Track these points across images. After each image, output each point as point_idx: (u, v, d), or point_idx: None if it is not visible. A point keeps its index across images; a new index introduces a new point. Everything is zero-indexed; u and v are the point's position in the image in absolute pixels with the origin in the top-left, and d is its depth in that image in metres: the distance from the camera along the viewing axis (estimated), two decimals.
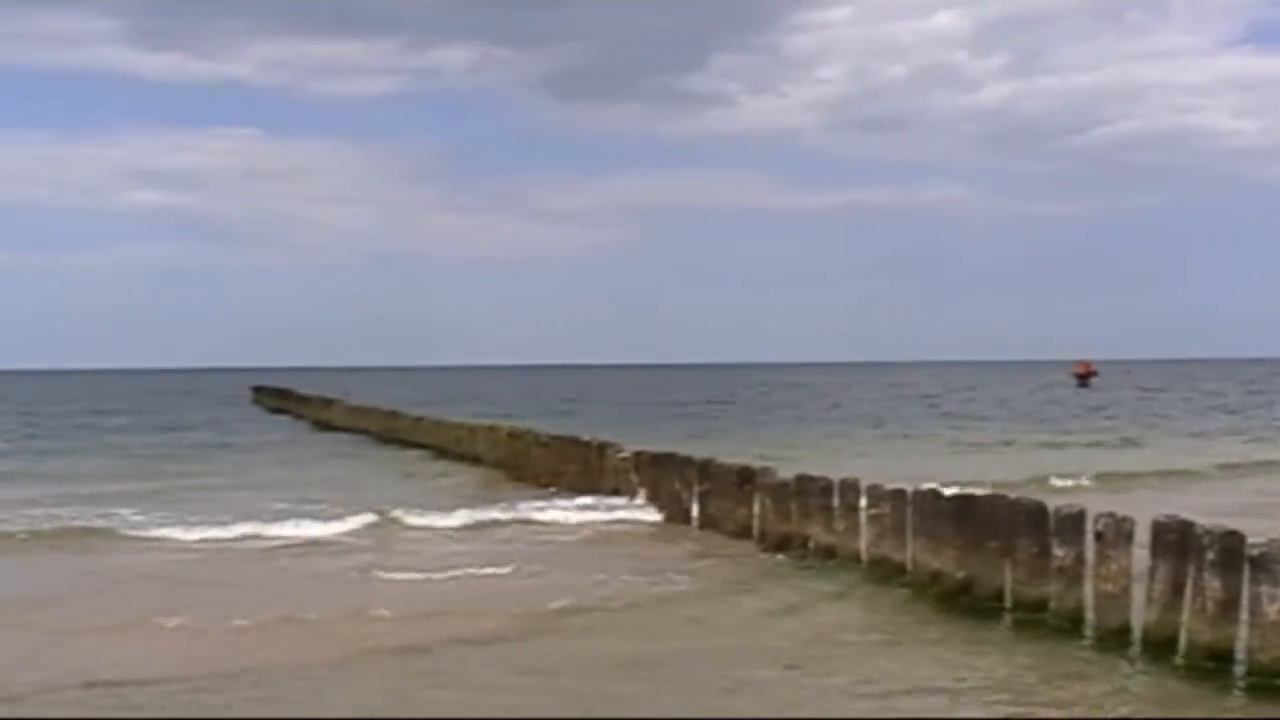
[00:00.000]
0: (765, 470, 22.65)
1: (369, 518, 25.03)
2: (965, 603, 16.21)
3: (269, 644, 14.73)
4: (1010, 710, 11.91)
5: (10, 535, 23.82)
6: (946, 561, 16.87)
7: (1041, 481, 30.57)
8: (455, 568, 19.80)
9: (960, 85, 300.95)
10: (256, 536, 23.41)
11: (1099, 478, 32.98)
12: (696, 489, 24.40)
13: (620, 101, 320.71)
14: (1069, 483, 31.50)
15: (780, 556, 20.48)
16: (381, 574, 19.53)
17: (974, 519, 16.55)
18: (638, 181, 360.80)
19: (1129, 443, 48.77)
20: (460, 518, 25.52)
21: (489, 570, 19.74)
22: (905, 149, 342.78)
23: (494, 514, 25.98)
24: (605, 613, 16.58)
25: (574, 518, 25.52)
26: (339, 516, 25.22)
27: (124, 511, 27.21)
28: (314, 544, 22.87)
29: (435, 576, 19.18)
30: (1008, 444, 48.39)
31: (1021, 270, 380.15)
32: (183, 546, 22.79)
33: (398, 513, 25.49)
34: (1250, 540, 12.70)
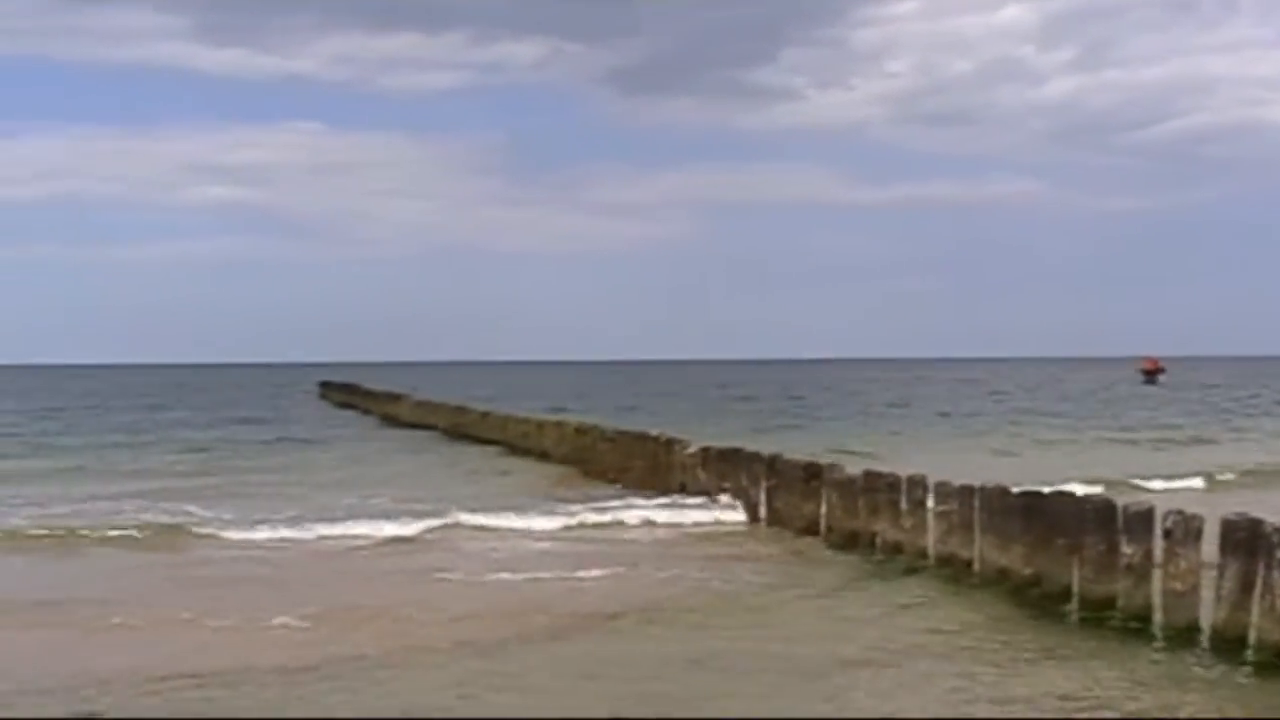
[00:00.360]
0: (832, 466, 22.82)
1: (439, 518, 25.03)
2: (1034, 600, 16.34)
3: (337, 639, 14.99)
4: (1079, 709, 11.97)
5: (83, 534, 23.92)
6: (1014, 559, 17.00)
7: (1120, 483, 29.40)
8: (526, 569, 19.93)
9: (1027, 79, 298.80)
10: (326, 536, 23.46)
11: (1180, 475, 32.40)
12: (764, 485, 24.57)
13: (686, 95, 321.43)
14: (1164, 484, 30.59)
15: (847, 553, 20.70)
16: (453, 574, 19.69)
17: (1042, 516, 16.67)
18: (702, 175, 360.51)
19: (1199, 440, 48.40)
20: (531, 518, 25.41)
21: (560, 571, 19.82)
22: (971, 143, 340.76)
23: (568, 513, 25.87)
24: (675, 612, 16.62)
25: (651, 516, 25.46)
26: (409, 515, 25.39)
27: (192, 508, 27.55)
28: (386, 542, 23.00)
29: (506, 576, 19.34)
30: (1075, 441, 48.13)
31: (1088, 265, 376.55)
32: (252, 544, 22.92)
33: (466, 514, 25.37)
34: None
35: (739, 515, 24.85)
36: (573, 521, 25.09)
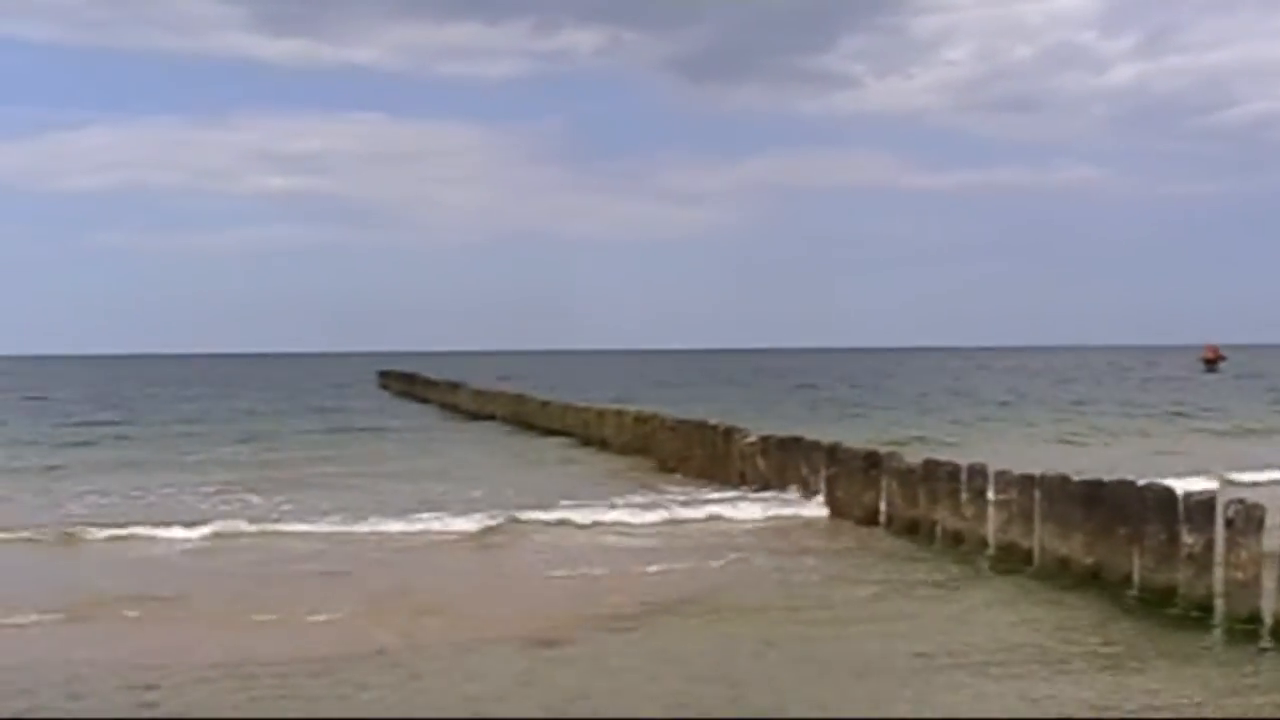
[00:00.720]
0: (892, 454, 22.88)
1: (503, 511, 24.92)
2: (1094, 590, 16.37)
3: (401, 630, 15.18)
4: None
5: (144, 530, 23.63)
6: (1075, 547, 17.03)
7: (1207, 474, 28.21)
8: (590, 563, 19.92)
9: (1089, 65, 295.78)
10: (384, 531, 23.31)
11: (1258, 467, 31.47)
12: (824, 473, 24.66)
13: (747, 82, 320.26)
14: (1252, 475, 29.65)
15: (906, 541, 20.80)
16: (522, 567, 19.81)
17: (1102, 504, 16.68)
18: (765, 162, 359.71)
19: (1262, 432, 47.77)
20: (598, 510, 25.15)
21: (625, 564, 19.84)
22: (1033, 129, 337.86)
23: (635, 505, 25.77)
24: (742, 605, 16.56)
25: (718, 510, 25.03)
26: (473, 508, 25.36)
27: (255, 499, 27.85)
28: (453, 537, 22.94)
29: (570, 571, 19.30)
30: (1146, 432, 47.63)
31: (1151, 251, 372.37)
32: (319, 538, 22.87)
33: (537, 511, 24.99)
34: None
35: (813, 509, 24.51)
36: (646, 517, 24.62)
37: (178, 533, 23.05)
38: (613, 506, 25.64)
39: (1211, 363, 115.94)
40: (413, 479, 32.17)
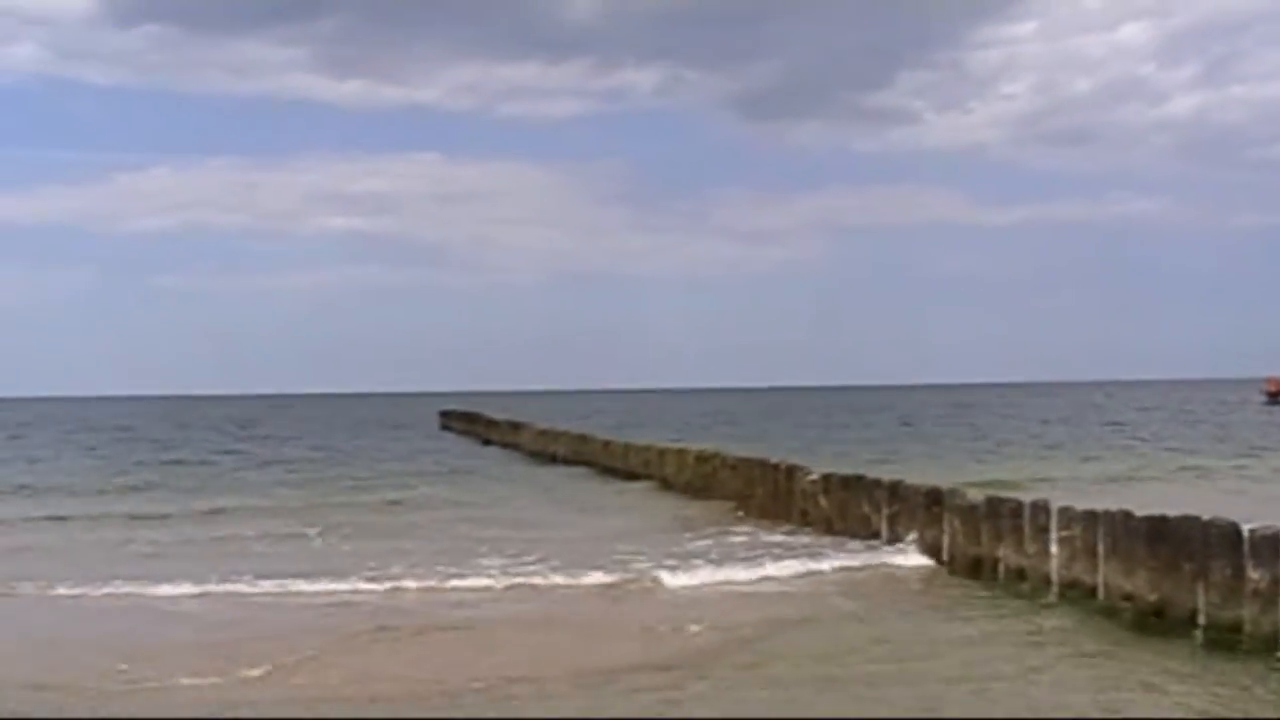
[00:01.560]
0: (954, 492, 22.83)
1: (618, 573, 22.91)
2: (1159, 628, 16.25)
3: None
4: None
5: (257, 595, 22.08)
6: (1139, 584, 16.91)
7: None
8: (676, 615, 19.11)
9: (1149, 97, 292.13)
10: (539, 585, 22.06)
11: None
12: (885, 511, 24.66)
13: (807, 119, 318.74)
14: None
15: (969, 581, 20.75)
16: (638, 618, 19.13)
17: (1167, 541, 16.57)
18: (828, 199, 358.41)
19: None
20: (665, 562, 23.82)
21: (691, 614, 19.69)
22: (1094, 161, 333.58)
23: (698, 555, 24.80)
24: (822, 651, 16.21)
25: (814, 565, 23.18)
26: (590, 560, 24.08)
27: (348, 548, 27.44)
28: (594, 590, 21.77)
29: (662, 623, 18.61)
30: (1211, 469, 47.04)
31: (1214, 282, 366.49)
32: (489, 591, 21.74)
33: (657, 571, 22.95)
34: None
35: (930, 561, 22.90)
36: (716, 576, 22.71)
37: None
38: (716, 564, 23.65)
39: (1275, 396, 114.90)
40: (493, 524, 31.42)
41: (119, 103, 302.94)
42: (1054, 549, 19.10)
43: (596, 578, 22.23)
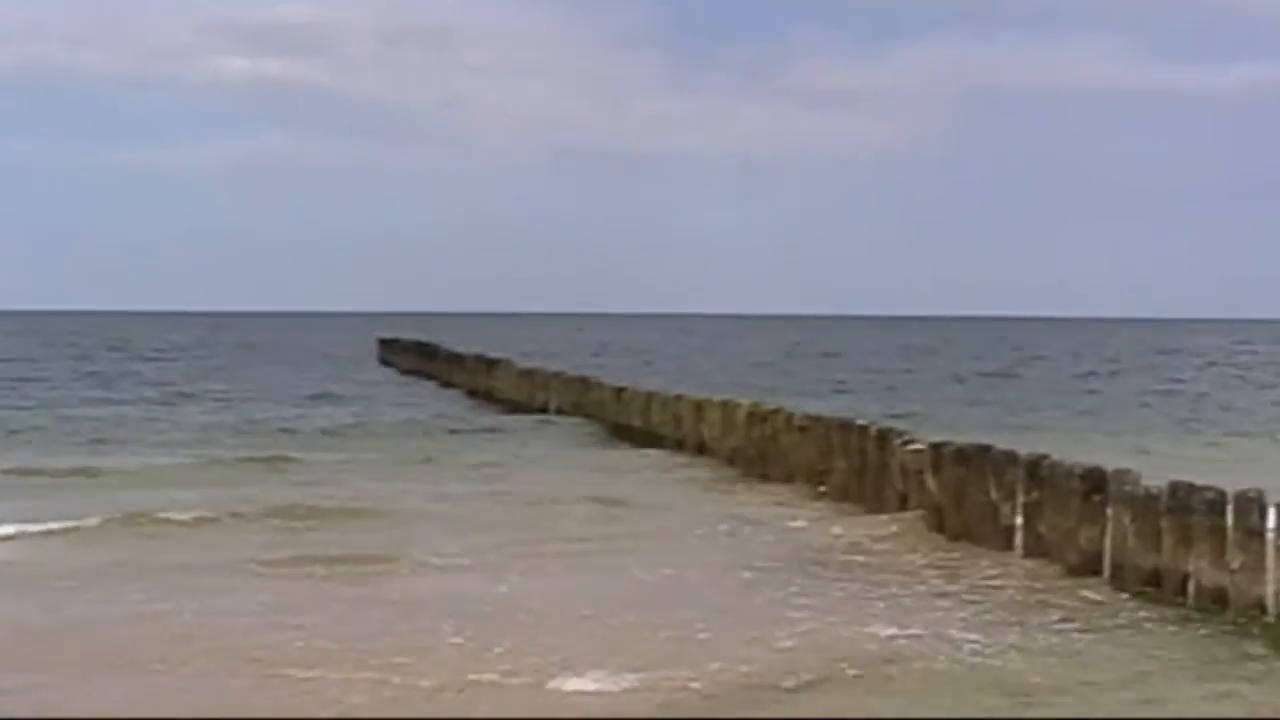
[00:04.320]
0: (1122, 473, 22.36)
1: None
2: None
3: None
4: None
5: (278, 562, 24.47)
6: None
7: None
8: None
9: None
10: None
11: None
12: (1020, 499, 24.41)
13: None
14: None
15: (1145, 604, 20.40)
16: None
17: None
18: (948, 50, 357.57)
19: None
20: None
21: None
22: None
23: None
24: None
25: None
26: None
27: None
28: None
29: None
30: None
31: None
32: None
33: None
34: None
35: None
36: None
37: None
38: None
39: None
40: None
41: None
42: (1270, 561, 18.93)
43: None
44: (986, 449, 26.43)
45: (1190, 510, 20.31)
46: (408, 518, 29.65)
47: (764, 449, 35.58)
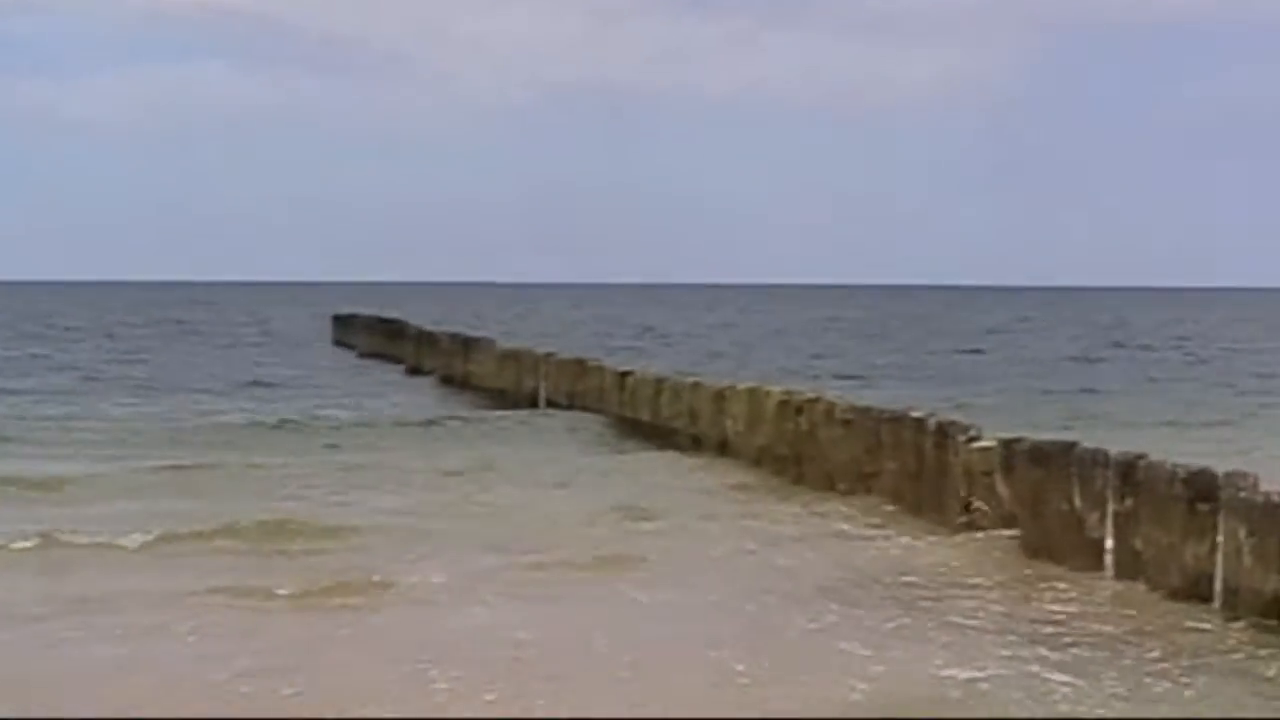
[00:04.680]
0: (1237, 477, 22.26)
1: None
2: None
3: None
4: None
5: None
6: None
7: None
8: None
9: None
10: None
11: None
12: (1110, 507, 24.33)
13: None
14: None
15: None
16: None
17: None
18: None
19: None
20: None
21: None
22: None
23: None
24: None
25: None
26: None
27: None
28: None
29: None
30: None
31: None
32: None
33: None
34: None
35: None
36: None
37: None
38: None
39: None
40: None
41: None
42: None
43: None
44: (1070, 446, 26.32)
45: None
46: (368, 536, 29.28)
47: (799, 447, 35.38)
